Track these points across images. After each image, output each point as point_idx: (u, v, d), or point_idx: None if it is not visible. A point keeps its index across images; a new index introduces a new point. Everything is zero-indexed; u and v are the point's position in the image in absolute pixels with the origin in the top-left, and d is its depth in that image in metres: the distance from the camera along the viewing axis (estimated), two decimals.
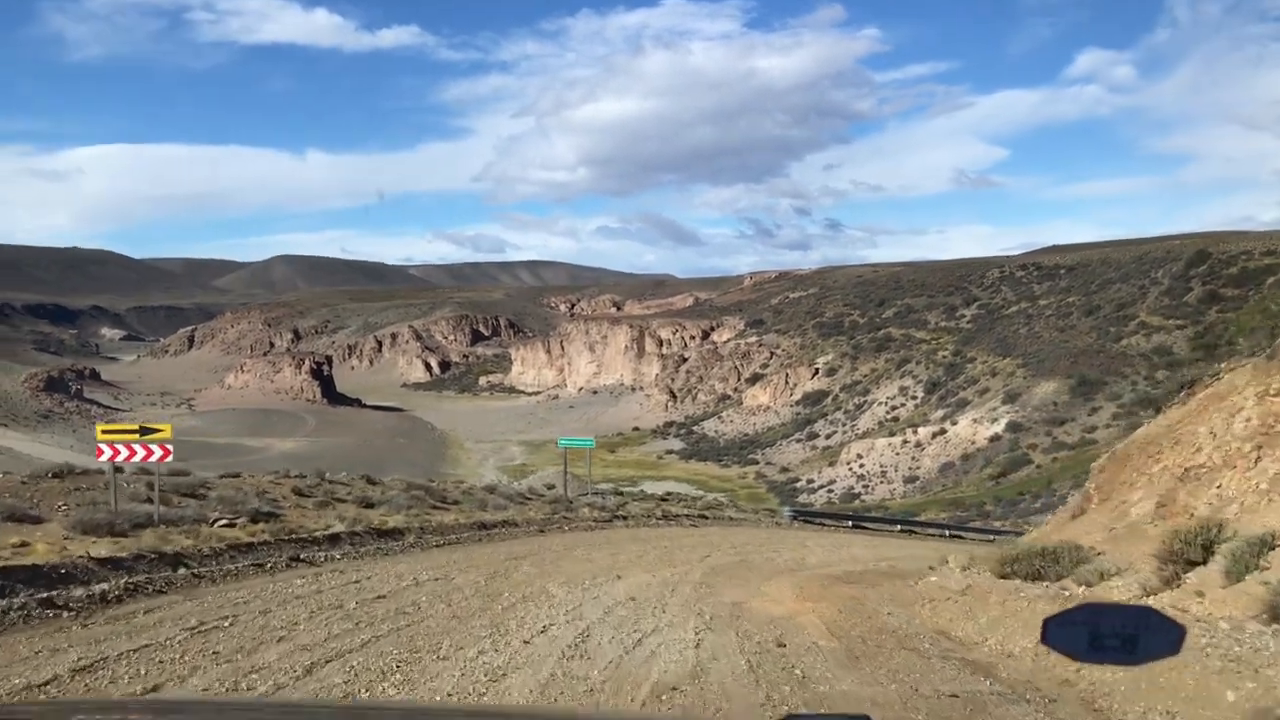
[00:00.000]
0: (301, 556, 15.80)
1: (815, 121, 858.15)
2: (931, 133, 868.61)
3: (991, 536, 43.99)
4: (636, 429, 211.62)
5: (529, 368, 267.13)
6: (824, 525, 36.52)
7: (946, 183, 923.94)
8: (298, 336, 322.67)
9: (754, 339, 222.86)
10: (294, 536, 16.86)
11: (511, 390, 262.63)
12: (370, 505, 23.13)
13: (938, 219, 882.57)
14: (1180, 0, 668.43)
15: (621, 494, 39.11)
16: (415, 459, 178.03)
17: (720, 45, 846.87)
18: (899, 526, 38.93)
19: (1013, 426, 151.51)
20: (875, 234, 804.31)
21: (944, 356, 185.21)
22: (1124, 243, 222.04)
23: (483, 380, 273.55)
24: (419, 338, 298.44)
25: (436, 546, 19.41)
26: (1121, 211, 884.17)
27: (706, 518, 32.40)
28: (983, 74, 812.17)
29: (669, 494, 44.86)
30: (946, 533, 41.06)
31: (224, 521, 17.78)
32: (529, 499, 30.14)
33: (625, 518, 28.31)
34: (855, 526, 37.04)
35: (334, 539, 17.57)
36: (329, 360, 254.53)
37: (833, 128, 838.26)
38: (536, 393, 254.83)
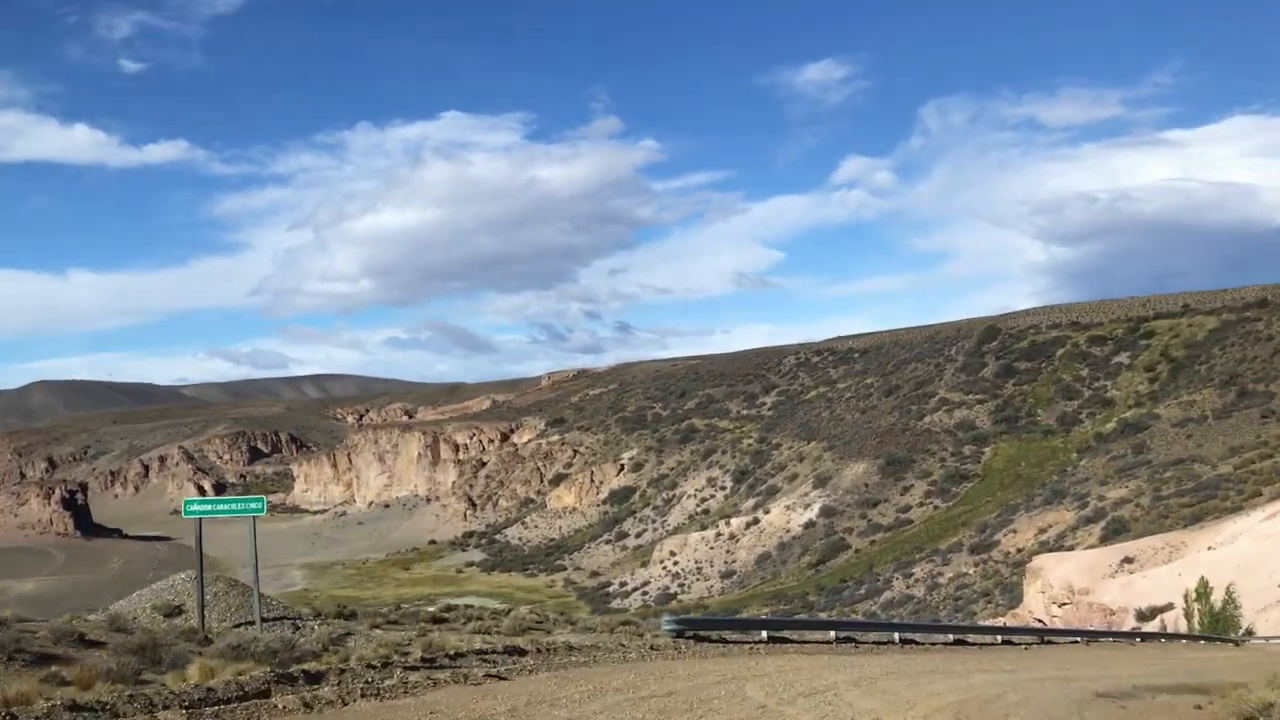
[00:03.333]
0: None
1: (599, 228, 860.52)
2: (712, 237, 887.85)
3: (999, 638, 28.00)
4: (433, 542, 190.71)
5: (313, 484, 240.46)
6: (724, 642, 19.07)
7: (729, 284, 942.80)
8: (53, 465, 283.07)
9: (556, 438, 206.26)
10: None
11: (295, 510, 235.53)
12: None
13: (722, 320, 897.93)
14: (931, 110, 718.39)
15: (346, 618, 20.61)
16: None
17: (501, 156, 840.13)
18: (834, 634, 22.04)
19: (826, 511, 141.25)
20: (664, 335, 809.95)
21: (749, 445, 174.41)
22: (903, 331, 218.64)
23: None
24: (190, 459, 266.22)
25: None
26: (891, 307, 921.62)
27: (523, 652, 14.93)
28: (756, 181, 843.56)
29: (450, 608, 26.25)
30: (900, 637, 24.79)
31: None
32: (86, 645, 11.72)
33: (320, 677, 10.37)
34: (772, 640, 19.73)
35: None
36: (84, 488, 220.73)
37: (616, 234, 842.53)
38: (322, 510, 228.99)
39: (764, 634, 22.10)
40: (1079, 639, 32.66)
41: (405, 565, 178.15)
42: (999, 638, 29.15)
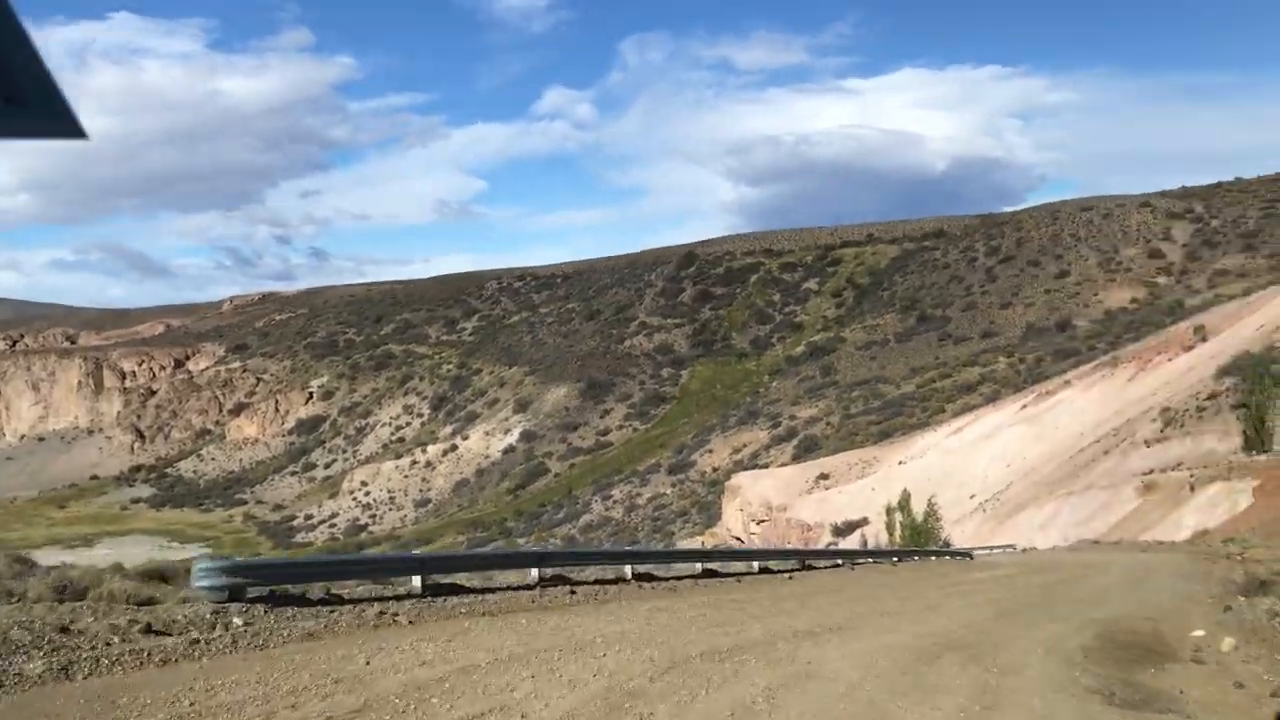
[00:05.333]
0: None
1: (289, 147, 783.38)
2: (412, 163, 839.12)
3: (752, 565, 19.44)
4: (95, 477, 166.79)
5: None
6: (340, 604, 8.30)
7: (430, 212, 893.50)
8: None
9: (237, 365, 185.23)
10: None
11: None
12: None
13: (423, 248, 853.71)
14: (630, 45, 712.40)
15: None
16: None
17: (179, 64, 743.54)
18: (536, 573, 12.19)
19: (526, 436, 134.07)
20: (362, 263, 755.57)
21: (449, 370, 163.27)
22: (605, 259, 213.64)
23: None
24: None
25: None
26: (592, 240, 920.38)
27: None
28: (457, 106, 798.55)
29: None
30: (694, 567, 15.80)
31: None
32: None
33: None
34: (433, 592, 9.28)
35: None
36: None
37: (308, 154, 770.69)
38: None
39: (416, 582, 12.30)
40: (840, 561, 25.36)
41: (61, 503, 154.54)
42: (755, 565, 20.91)
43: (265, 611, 9.59)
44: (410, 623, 10.08)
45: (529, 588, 14.10)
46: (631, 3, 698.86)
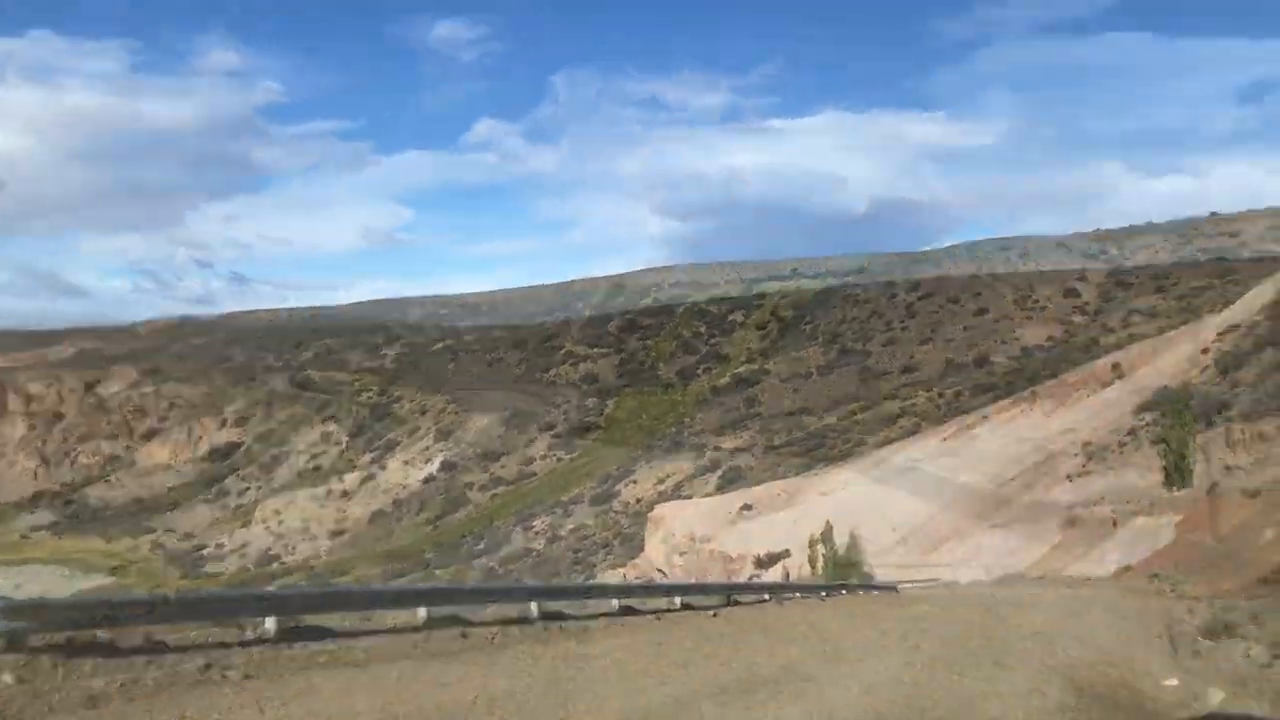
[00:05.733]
0: None
1: (212, 171, 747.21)
2: (339, 189, 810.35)
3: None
4: None
5: None
6: (149, 660, 6.15)
7: (356, 239, 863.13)
8: None
9: (150, 389, 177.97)
10: None
11: None
12: None
13: (347, 274, 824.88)
14: (561, 79, 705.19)
15: None
16: None
17: (101, 85, 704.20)
18: (425, 612, 10.20)
19: (447, 465, 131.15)
20: (284, 289, 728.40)
21: (369, 397, 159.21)
22: (532, 288, 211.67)
23: None
24: None
25: None
26: (521, 270, 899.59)
27: None
28: (385, 134, 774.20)
29: None
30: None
31: None
32: None
33: None
34: (288, 637, 7.55)
35: None
36: None
37: (232, 178, 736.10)
38: None
39: (271, 624, 10.16)
40: (767, 596, 23.63)
41: None
42: (678, 599, 19.06)
43: (52, 665, 7.48)
44: (245, 678, 8.03)
45: (414, 630, 12.07)
46: (562, 38, 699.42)
